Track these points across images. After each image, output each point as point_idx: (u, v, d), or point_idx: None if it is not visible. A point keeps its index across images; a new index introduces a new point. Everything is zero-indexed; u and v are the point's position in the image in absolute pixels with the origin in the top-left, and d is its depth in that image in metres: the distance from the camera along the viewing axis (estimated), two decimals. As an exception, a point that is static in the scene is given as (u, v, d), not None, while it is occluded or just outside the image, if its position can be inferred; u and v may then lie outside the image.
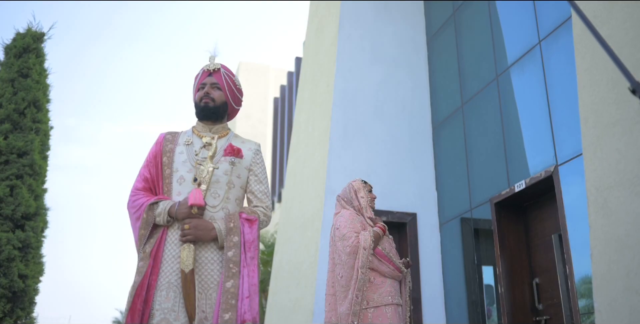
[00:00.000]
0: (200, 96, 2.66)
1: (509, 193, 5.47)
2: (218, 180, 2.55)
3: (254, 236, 2.50)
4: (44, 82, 7.77)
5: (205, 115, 2.67)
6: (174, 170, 2.56)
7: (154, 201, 2.47)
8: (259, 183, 2.67)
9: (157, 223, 2.46)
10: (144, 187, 2.57)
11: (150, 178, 2.58)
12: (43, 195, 7.25)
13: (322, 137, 7.02)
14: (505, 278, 5.44)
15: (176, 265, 2.39)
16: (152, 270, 2.37)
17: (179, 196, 2.51)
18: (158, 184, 2.56)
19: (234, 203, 2.58)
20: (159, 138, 2.69)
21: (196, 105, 2.67)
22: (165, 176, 2.56)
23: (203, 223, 2.42)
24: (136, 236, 2.48)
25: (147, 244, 2.43)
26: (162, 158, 2.60)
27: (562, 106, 4.96)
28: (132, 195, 2.57)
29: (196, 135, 2.68)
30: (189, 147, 2.62)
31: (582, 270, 4.59)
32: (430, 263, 6.53)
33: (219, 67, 2.71)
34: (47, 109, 7.81)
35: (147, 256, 2.39)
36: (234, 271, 2.37)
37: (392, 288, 3.70)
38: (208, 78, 2.68)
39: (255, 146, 2.75)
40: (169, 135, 2.69)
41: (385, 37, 7.44)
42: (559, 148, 4.94)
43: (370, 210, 3.90)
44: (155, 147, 2.65)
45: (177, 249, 2.41)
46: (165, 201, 2.48)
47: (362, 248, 3.63)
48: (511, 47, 5.85)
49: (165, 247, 2.43)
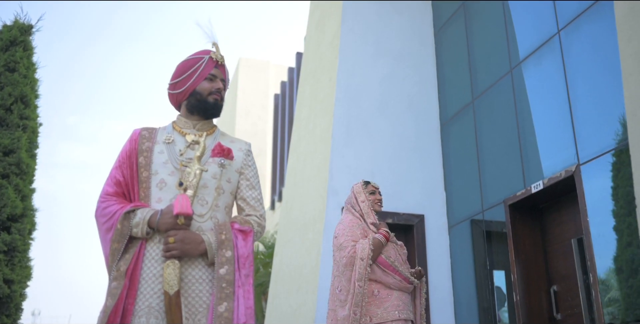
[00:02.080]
0: (210, 90, 2.27)
1: (525, 194, 5.11)
2: (206, 185, 2.18)
3: (249, 251, 2.14)
4: (32, 76, 7.40)
5: (211, 113, 2.30)
6: (152, 172, 2.19)
7: (130, 209, 2.09)
8: (252, 188, 2.31)
9: (134, 236, 2.08)
10: (116, 192, 2.19)
11: (124, 182, 2.20)
12: (31, 196, 6.89)
13: (324, 134, 6.68)
14: (520, 284, 5.10)
15: (158, 286, 2.02)
16: (129, 292, 2.00)
17: (159, 204, 2.14)
18: (133, 189, 2.18)
19: (223, 212, 2.21)
20: (133, 135, 2.30)
21: (201, 98, 2.26)
22: (142, 179, 2.18)
23: (190, 235, 2.06)
24: (107, 251, 2.10)
25: (122, 260, 2.06)
26: (137, 158, 2.22)
27: (585, 100, 4.60)
28: (101, 201, 2.18)
29: (178, 132, 2.29)
30: (170, 145, 2.24)
31: (606, 279, 4.25)
32: (439, 267, 6.20)
33: (224, 60, 2.35)
34: (35, 105, 7.43)
35: (121, 276, 2.02)
36: (227, 292, 2.01)
37: (400, 302, 3.34)
38: (217, 71, 2.31)
39: (246, 146, 2.39)
40: (145, 131, 2.30)
41: (390, 30, 7.09)
42: (580, 146, 4.58)
43: (372, 214, 3.55)
44: (130, 144, 2.26)
45: (159, 266, 2.05)
46: (143, 209, 2.10)
47: (359, 258, 3.29)
48: (526, 38, 5.49)
49: (144, 264, 2.06)
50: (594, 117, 4.47)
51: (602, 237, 4.29)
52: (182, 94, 2.29)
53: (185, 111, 2.32)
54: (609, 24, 4.45)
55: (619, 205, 4.19)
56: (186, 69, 2.29)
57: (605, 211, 4.29)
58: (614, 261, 4.19)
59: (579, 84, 4.67)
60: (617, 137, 4.23)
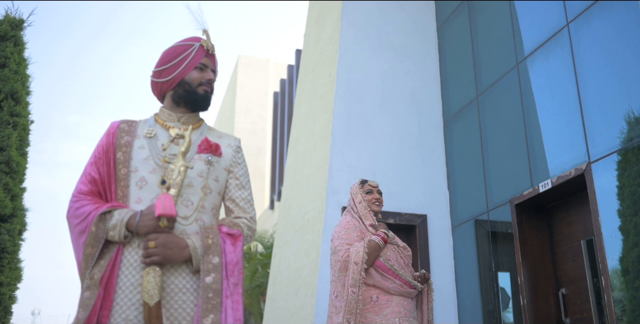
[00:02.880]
0: (200, 80, 2.07)
1: (532, 194, 4.91)
2: (191, 184, 1.98)
3: (238, 256, 1.93)
4: (24, 72, 7.19)
5: (200, 106, 2.10)
6: (132, 169, 1.98)
7: (106, 209, 1.89)
8: (241, 188, 2.10)
9: (110, 239, 1.88)
10: (91, 191, 1.98)
11: (100, 180, 1.99)
12: (21, 195, 6.68)
13: (324, 132, 6.48)
14: (527, 287, 4.91)
15: (136, 296, 1.82)
16: (103, 303, 1.80)
17: (139, 204, 1.93)
18: (110, 187, 1.98)
19: (210, 214, 2.01)
20: (110, 128, 2.08)
21: (189, 88, 2.06)
22: (120, 177, 1.98)
23: (173, 239, 1.86)
24: (79, 256, 1.89)
25: (96, 267, 1.85)
26: (115, 153, 2.01)
27: (596, 95, 4.39)
28: (74, 200, 1.97)
29: (161, 126, 2.09)
30: (152, 140, 2.03)
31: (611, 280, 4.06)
32: (442, 269, 6.00)
33: (215, 49, 2.15)
34: (27, 102, 7.23)
35: (95, 284, 1.82)
36: (214, 302, 1.81)
37: (402, 308, 3.13)
38: (207, 60, 2.11)
39: (236, 142, 2.18)
40: (124, 124, 2.09)
41: (392, 24, 6.89)
42: (591, 143, 4.38)
43: (370, 215, 3.33)
44: (106, 138, 2.05)
45: (138, 274, 1.84)
46: (121, 209, 1.90)
47: (353, 262, 3.09)
48: (533, 31, 5.28)
49: (121, 272, 1.85)
50: (606, 113, 4.27)
51: (613, 238, 4.10)
52: (168, 83, 2.08)
53: (170, 102, 2.11)
54: (621, 15, 4.25)
55: (625, 205, 4.03)
56: (174, 56, 2.08)
57: (617, 211, 4.10)
58: (619, 262, 4.03)
59: (590, 78, 4.47)
60: (631, 134, 4.03)
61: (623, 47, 4.20)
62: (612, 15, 4.34)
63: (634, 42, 4.11)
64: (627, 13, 4.18)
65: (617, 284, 4.05)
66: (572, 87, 4.63)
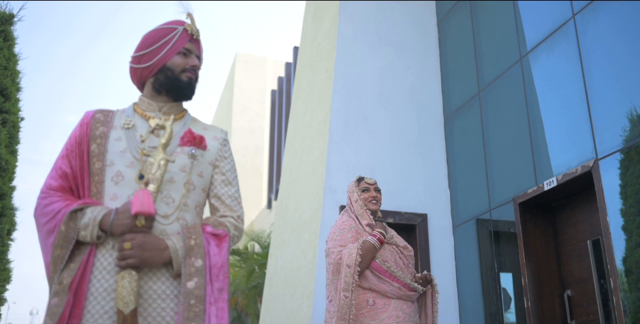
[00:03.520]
0: (183, 66, 1.90)
1: (537, 192, 4.75)
2: (172, 179, 1.81)
3: (224, 259, 1.76)
4: (14, 68, 7.01)
5: (184, 94, 1.92)
6: (107, 163, 1.81)
7: (77, 206, 1.71)
8: (228, 184, 1.93)
9: (82, 240, 1.71)
10: (62, 186, 1.81)
11: (72, 174, 1.82)
12: (11, 194, 6.50)
13: (321, 129, 6.31)
14: (531, 289, 4.75)
15: (110, 303, 1.65)
16: (72, 311, 1.62)
17: (114, 202, 1.76)
18: (82, 183, 1.80)
19: (194, 212, 1.84)
20: (84, 118, 1.91)
21: (172, 75, 1.89)
22: (94, 172, 1.80)
23: (152, 240, 1.69)
24: (47, 259, 1.72)
25: (65, 271, 1.68)
26: (89, 145, 1.84)
27: (603, 89, 4.23)
28: (42, 197, 1.79)
29: (140, 116, 1.91)
30: (129, 131, 1.86)
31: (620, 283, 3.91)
32: (443, 270, 5.84)
33: (199, 34, 1.97)
34: (17, 98, 7.05)
35: (64, 290, 1.64)
36: (196, 310, 1.64)
37: (400, 312, 2.95)
38: (191, 46, 1.94)
39: (222, 134, 2.00)
40: (100, 114, 1.91)
41: (391, 18, 6.72)
42: (599, 139, 4.21)
43: (367, 215, 3.16)
44: (80, 129, 1.87)
45: (112, 279, 1.67)
46: (94, 207, 1.72)
47: (345, 265, 2.92)
48: (538, 23, 5.11)
49: (93, 276, 1.68)
50: (614, 108, 4.10)
51: (616, 238, 3.95)
52: (148, 69, 1.91)
53: (151, 90, 1.94)
54: (630, 6, 4.08)
55: (628, 204, 3.88)
56: (156, 40, 1.91)
57: (626, 210, 3.95)
58: (622, 263, 3.90)
59: (597, 72, 4.30)
60: (634, 131, 3.87)
61: (632, 39, 4.04)
62: (620, 6, 4.18)
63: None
64: (636, 4, 4.02)
65: (619, 286, 3.92)
66: (578, 81, 4.46)
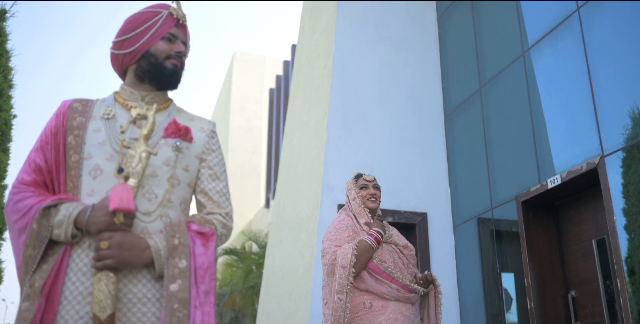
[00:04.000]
0: (168, 52, 1.77)
1: (540, 190, 4.62)
2: (155, 173, 1.67)
3: (210, 259, 1.63)
4: (6, 64, 6.87)
5: (168, 82, 1.79)
6: (84, 156, 1.67)
7: (51, 202, 1.58)
8: (215, 179, 1.79)
9: (56, 239, 1.57)
10: (35, 181, 1.67)
11: (46, 168, 1.68)
12: (2, 193, 6.38)
13: (319, 126, 6.19)
14: (535, 290, 4.62)
15: (85, 308, 1.52)
16: (44, 316, 1.49)
17: (91, 197, 1.63)
18: (58, 177, 1.67)
19: (178, 209, 1.71)
20: (61, 107, 1.77)
21: (155, 62, 1.75)
22: (71, 165, 1.66)
23: (131, 239, 1.55)
24: (19, 259, 1.58)
25: (37, 273, 1.54)
26: (65, 137, 1.70)
27: (609, 84, 4.10)
28: (14, 192, 1.65)
29: (121, 105, 1.78)
30: (109, 121, 1.72)
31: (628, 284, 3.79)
32: (443, 270, 5.71)
33: (186, 19, 1.84)
34: (9, 95, 6.92)
35: (36, 294, 1.51)
36: (179, 315, 1.51)
37: (399, 315, 2.81)
38: (177, 31, 1.80)
39: (210, 126, 1.87)
40: (78, 103, 1.77)
41: (390, 13, 6.60)
42: (605, 135, 4.08)
43: (365, 213, 3.01)
44: (56, 119, 1.74)
45: (88, 281, 1.54)
46: (69, 203, 1.59)
47: (340, 266, 2.77)
48: (541, 17, 4.98)
49: (68, 278, 1.55)
50: (620, 103, 3.97)
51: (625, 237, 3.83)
52: (130, 56, 1.77)
53: (133, 78, 1.81)
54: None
55: (630, 203, 3.77)
56: (138, 24, 1.78)
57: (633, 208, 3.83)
58: (625, 263, 3.80)
59: (603, 66, 4.17)
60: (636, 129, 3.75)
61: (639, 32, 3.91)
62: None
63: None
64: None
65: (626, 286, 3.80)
66: (583, 76, 4.34)
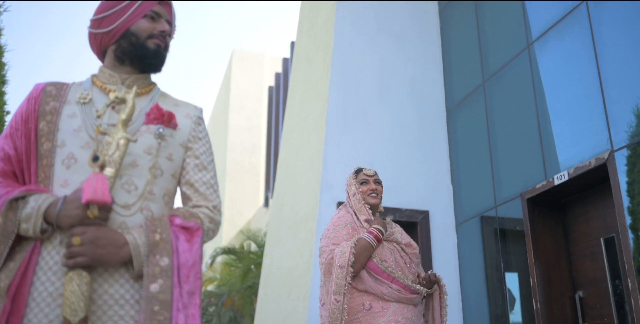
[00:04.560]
0: (150, 31, 1.62)
1: (546, 187, 4.47)
2: (135, 163, 1.52)
3: (195, 257, 1.48)
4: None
5: (150, 64, 1.63)
6: (57, 143, 1.52)
7: (19, 194, 1.43)
8: (202, 169, 1.64)
9: (23, 234, 1.42)
10: (3, 171, 1.52)
11: (16, 157, 1.53)
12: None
13: (318, 123, 6.04)
14: (541, 290, 4.48)
15: (55, 311, 1.37)
16: (9, 319, 1.34)
17: (64, 189, 1.48)
18: (28, 167, 1.52)
19: (161, 201, 1.56)
20: (33, 91, 1.61)
21: (137, 41, 1.60)
22: (43, 154, 1.51)
23: (107, 234, 1.40)
24: None
25: (3, 272, 1.40)
26: (37, 123, 1.55)
27: (618, 76, 3.95)
28: None
29: (99, 89, 1.63)
30: (86, 106, 1.57)
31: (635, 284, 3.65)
32: (446, 269, 5.57)
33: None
34: (2, 91, 6.83)
35: (0, 295, 1.36)
36: (160, 318, 1.36)
37: (400, 316, 2.66)
38: (160, 9, 1.66)
39: (196, 112, 1.71)
40: (52, 87, 1.62)
41: (391, 6, 6.47)
42: (614, 130, 3.93)
43: (366, 209, 2.86)
44: (27, 104, 1.58)
45: (59, 281, 1.39)
46: (39, 195, 1.44)
47: (337, 266, 2.63)
48: (546, 8, 4.84)
49: (36, 278, 1.40)
50: (630, 96, 3.82)
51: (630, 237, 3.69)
52: (109, 35, 1.62)
53: (113, 60, 1.65)
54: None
55: (635, 202, 3.65)
56: (118, 1, 1.62)
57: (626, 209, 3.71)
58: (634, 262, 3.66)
59: (612, 58, 4.03)
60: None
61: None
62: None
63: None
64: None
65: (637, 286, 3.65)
66: (591, 69, 4.19)
